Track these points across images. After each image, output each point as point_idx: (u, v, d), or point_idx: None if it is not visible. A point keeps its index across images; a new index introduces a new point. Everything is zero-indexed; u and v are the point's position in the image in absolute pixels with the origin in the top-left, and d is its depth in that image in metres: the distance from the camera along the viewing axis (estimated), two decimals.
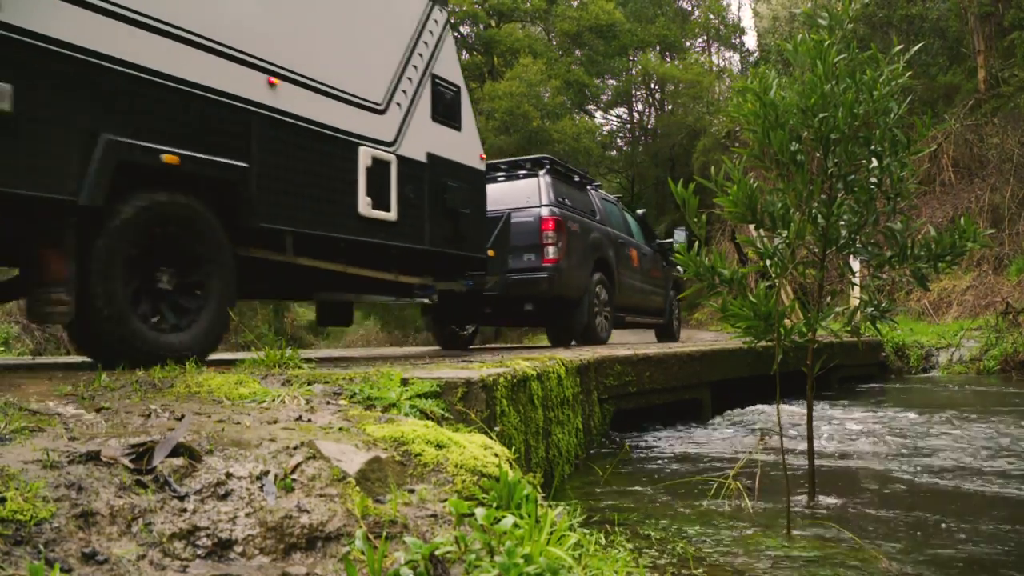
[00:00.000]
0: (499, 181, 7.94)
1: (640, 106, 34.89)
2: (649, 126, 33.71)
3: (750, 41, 40.45)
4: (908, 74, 2.92)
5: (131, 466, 1.52)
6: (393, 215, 5.07)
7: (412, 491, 1.75)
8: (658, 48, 32.26)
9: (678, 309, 11.44)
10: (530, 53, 25.42)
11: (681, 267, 3.06)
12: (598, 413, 4.79)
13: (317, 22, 4.58)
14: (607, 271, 8.61)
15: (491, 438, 2.28)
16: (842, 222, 3.11)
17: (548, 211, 7.63)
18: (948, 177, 16.68)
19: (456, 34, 22.71)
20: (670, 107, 31.83)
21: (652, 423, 5.76)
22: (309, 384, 2.63)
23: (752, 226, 3.13)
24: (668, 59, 32.41)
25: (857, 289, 8.72)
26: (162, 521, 1.40)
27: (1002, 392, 8.48)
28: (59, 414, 1.93)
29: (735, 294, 3.01)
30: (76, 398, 2.22)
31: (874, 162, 3.01)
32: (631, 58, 31.62)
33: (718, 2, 33.40)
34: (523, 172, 8.02)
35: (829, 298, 3.54)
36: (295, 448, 1.75)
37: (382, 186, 4.98)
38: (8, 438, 1.61)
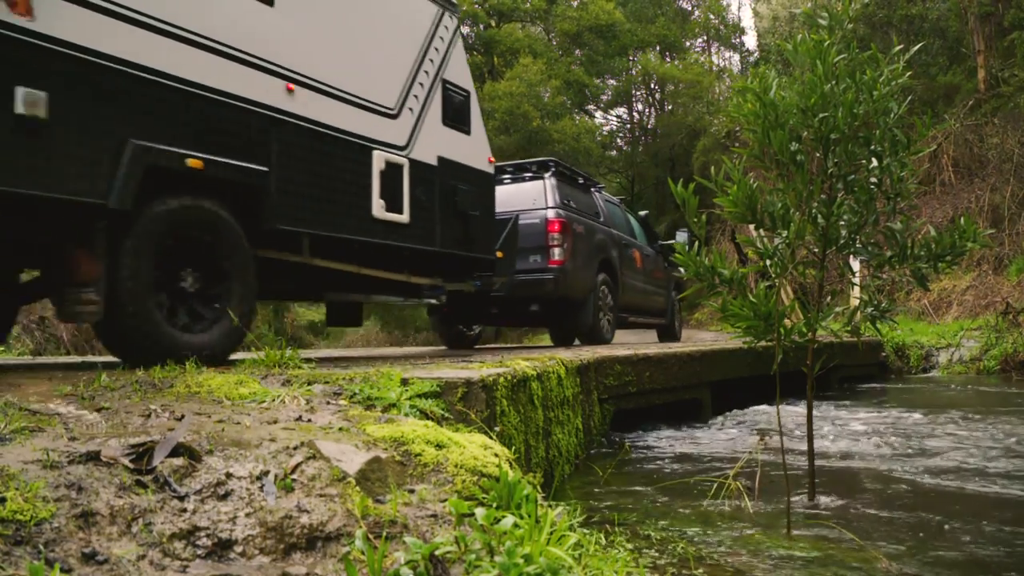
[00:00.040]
0: (505, 183, 7.97)
1: (640, 106, 34.91)
2: (649, 126, 33.72)
3: (750, 41, 40.48)
4: (908, 74, 2.92)
5: (131, 466, 1.52)
6: (405, 217, 5.16)
7: (412, 491, 1.75)
8: (658, 48, 32.27)
9: (679, 309, 11.51)
10: (530, 53, 25.42)
11: (681, 267, 3.06)
12: (598, 413, 4.79)
13: (333, 29, 4.67)
14: (611, 272, 8.66)
15: (491, 438, 2.28)
16: (842, 222, 3.11)
17: (554, 213, 7.69)
18: (948, 177, 16.68)
19: None
20: (670, 107, 31.84)
21: (652, 423, 5.76)
22: (309, 384, 2.63)
23: (752, 226, 3.13)
24: (668, 59, 32.41)
25: (857, 289, 8.72)
26: (162, 521, 1.40)
27: (1003, 392, 8.48)
28: (59, 414, 1.93)
29: (735, 294, 3.01)
30: (76, 398, 2.22)
31: (874, 162, 3.01)
32: (631, 58, 31.63)
33: (718, 2, 33.41)
34: (528, 175, 8.09)
35: (829, 298, 3.54)
36: (295, 448, 1.75)
37: (395, 189, 5.07)
38: (8, 438, 1.61)
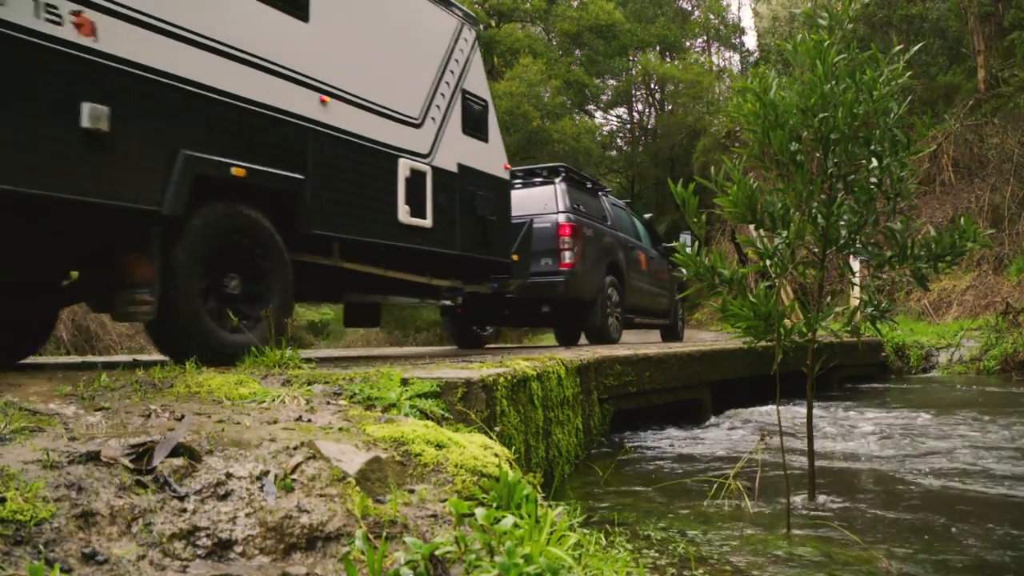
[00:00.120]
0: (516, 188, 8.16)
1: (640, 106, 34.91)
2: (649, 126, 33.71)
3: (750, 41, 40.45)
4: (908, 74, 2.92)
5: (131, 466, 1.52)
6: (428, 222, 5.40)
7: (412, 491, 1.75)
8: (658, 48, 32.27)
9: (682, 310, 11.71)
10: (530, 53, 25.41)
11: (682, 267, 3.06)
12: (598, 413, 4.79)
13: (362, 43, 4.90)
14: (618, 274, 8.91)
15: (491, 438, 2.28)
16: (842, 222, 3.11)
17: (564, 217, 7.95)
18: (948, 177, 16.67)
19: None
20: (670, 107, 31.84)
21: (652, 423, 5.76)
22: (309, 384, 2.63)
23: (752, 226, 3.13)
24: (668, 59, 32.41)
25: (857, 289, 8.72)
26: (162, 521, 1.40)
27: (1004, 392, 8.48)
28: (59, 414, 1.93)
29: (735, 294, 3.01)
30: (76, 398, 2.22)
31: (874, 162, 3.01)
32: (631, 58, 31.62)
33: (718, 2, 33.41)
34: (539, 180, 8.37)
35: (829, 298, 3.54)
36: (295, 448, 1.75)
37: (419, 195, 5.32)
38: (8, 438, 1.61)
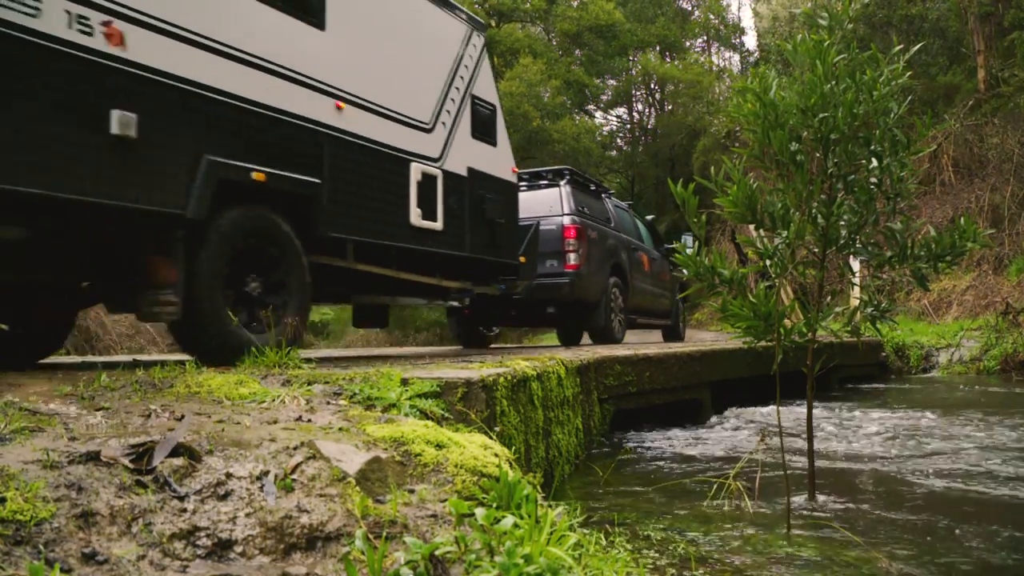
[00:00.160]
0: (522, 191, 8.30)
1: (640, 106, 34.90)
2: (649, 126, 33.71)
3: (750, 41, 40.45)
4: (908, 74, 2.92)
5: (131, 466, 1.52)
6: (439, 225, 5.53)
7: (412, 491, 1.75)
8: (658, 48, 32.26)
9: (683, 311, 11.85)
10: (530, 53, 25.41)
11: (682, 268, 3.06)
12: (598, 413, 4.79)
13: (375, 50, 5.00)
14: (622, 275, 9.05)
15: (491, 438, 2.28)
16: (842, 222, 3.11)
17: (570, 220, 8.10)
18: (948, 177, 16.67)
19: None
20: (670, 107, 31.83)
21: (652, 423, 5.76)
22: (309, 384, 2.63)
23: (752, 226, 3.13)
24: (668, 59, 32.40)
25: (857, 289, 8.72)
26: (162, 521, 1.40)
27: (1004, 392, 8.48)
28: (59, 414, 1.93)
29: (735, 294, 3.01)
30: (76, 398, 2.22)
31: (874, 162, 3.01)
32: (631, 58, 31.61)
33: (718, 2, 33.41)
34: (544, 182, 8.52)
35: (829, 298, 3.54)
36: (295, 448, 1.75)
37: (430, 198, 5.44)
38: (8, 438, 1.61)
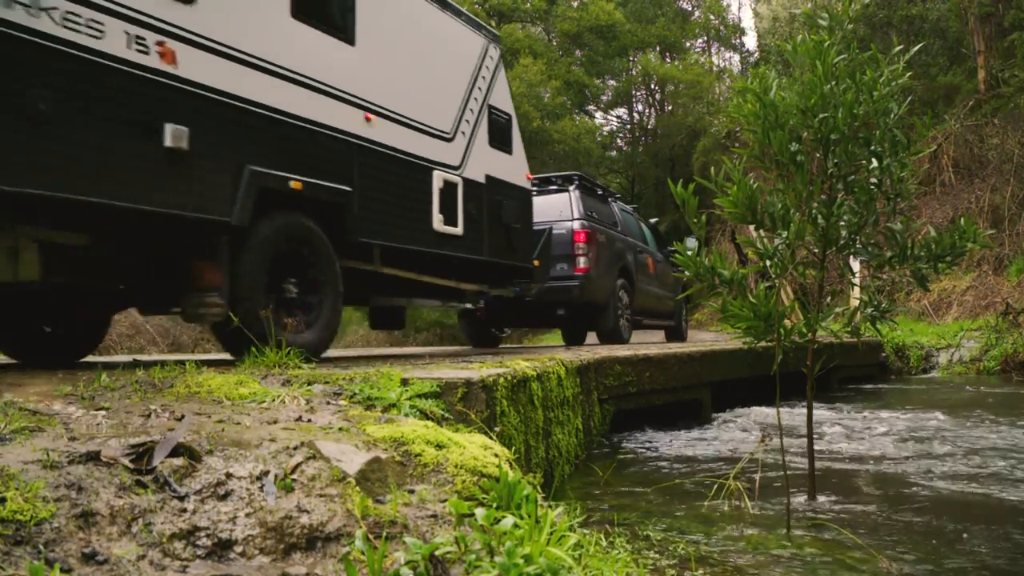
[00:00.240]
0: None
1: (640, 106, 34.90)
2: (649, 126, 33.70)
3: (750, 41, 40.39)
4: (908, 74, 2.92)
5: (131, 466, 1.52)
6: (460, 230, 5.77)
7: (412, 491, 1.75)
8: (658, 48, 32.26)
9: (685, 311, 12.04)
10: (530, 53, 25.41)
11: (682, 267, 3.06)
12: (598, 413, 4.79)
13: (401, 64, 5.23)
14: (628, 278, 9.28)
15: (491, 438, 2.28)
16: (842, 222, 3.11)
17: (579, 224, 8.31)
18: (948, 177, 16.67)
19: None
20: (670, 107, 31.83)
21: (652, 423, 5.76)
22: (309, 384, 2.63)
23: (752, 226, 3.13)
24: (668, 59, 32.40)
25: (857, 289, 8.73)
26: (162, 521, 1.40)
27: (1005, 392, 8.48)
28: (59, 414, 1.93)
29: (735, 294, 3.01)
30: (76, 398, 2.22)
31: (874, 162, 3.01)
32: (631, 58, 31.62)
33: (718, 2, 33.39)
34: (554, 188, 8.73)
35: (829, 298, 3.54)
36: (295, 448, 1.75)
37: (451, 205, 5.68)
38: (8, 438, 1.61)
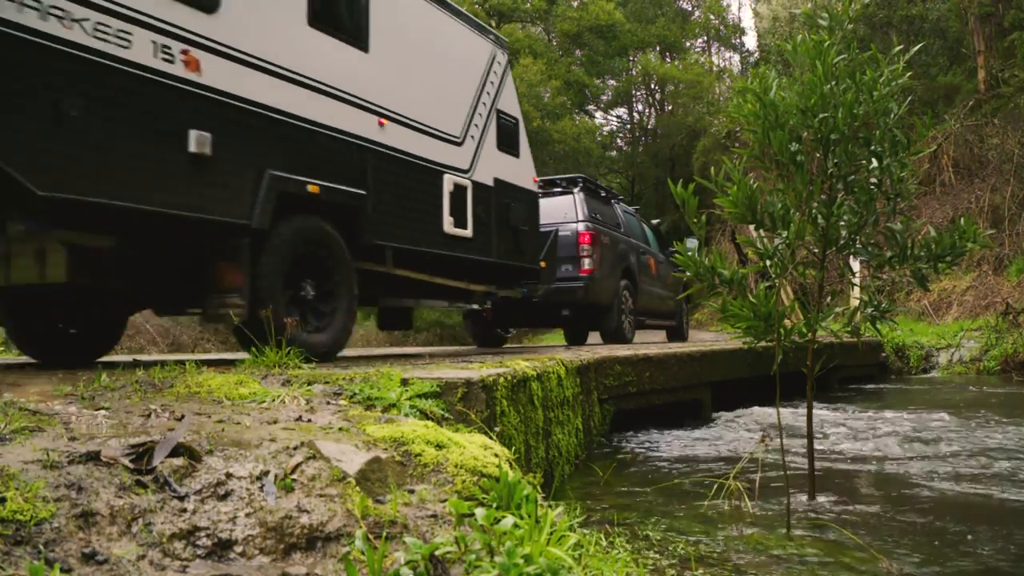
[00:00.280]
0: None
1: (640, 106, 34.92)
2: (649, 126, 33.72)
3: (750, 41, 40.40)
4: (908, 74, 2.92)
5: (131, 466, 1.52)
6: (469, 232, 5.88)
7: (412, 491, 1.75)
8: (658, 48, 32.27)
9: (686, 311, 12.14)
10: (530, 53, 25.43)
11: (683, 267, 3.06)
12: (598, 413, 4.79)
13: (413, 69, 5.33)
14: (631, 278, 9.38)
15: (491, 438, 2.28)
16: (842, 222, 3.11)
17: (584, 226, 8.41)
18: (948, 177, 16.67)
19: None
20: (670, 107, 31.84)
21: (652, 423, 5.76)
22: (309, 384, 2.63)
23: (752, 226, 3.13)
24: (668, 59, 32.41)
25: (857, 289, 8.72)
26: (162, 521, 1.40)
27: (1005, 392, 8.48)
28: (59, 414, 1.93)
29: (735, 294, 3.01)
30: (76, 398, 2.22)
31: (874, 162, 3.00)
32: (631, 58, 31.62)
33: (718, 2, 33.41)
34: (558, 190, 8.83)
35: (829, 298, 3.54)
36: (295, 448, 1.75)
37: (461, 207, 5.79)
38: (8, 438, 1.61)
